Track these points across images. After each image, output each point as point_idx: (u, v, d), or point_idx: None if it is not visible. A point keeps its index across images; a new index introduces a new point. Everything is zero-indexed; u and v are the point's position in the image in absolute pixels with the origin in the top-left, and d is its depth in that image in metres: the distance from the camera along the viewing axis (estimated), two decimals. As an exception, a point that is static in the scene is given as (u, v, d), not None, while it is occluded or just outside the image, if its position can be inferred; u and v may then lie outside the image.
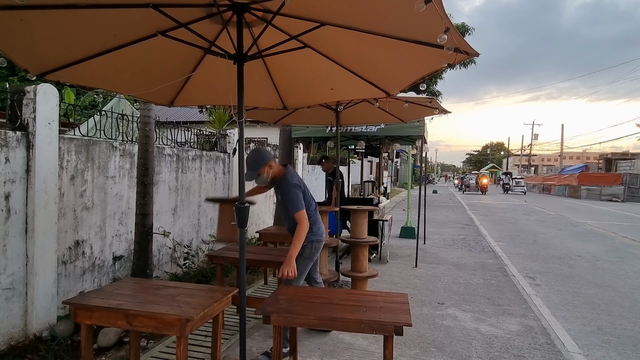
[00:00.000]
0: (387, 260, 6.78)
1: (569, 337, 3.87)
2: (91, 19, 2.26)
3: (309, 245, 3.33)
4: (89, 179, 4.06)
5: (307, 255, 3.34)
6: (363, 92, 3.50)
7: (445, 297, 4.96)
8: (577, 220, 13.43)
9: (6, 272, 3.23)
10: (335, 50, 2.90)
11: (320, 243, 3.40)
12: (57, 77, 2.68)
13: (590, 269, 6.65)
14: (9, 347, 3.23)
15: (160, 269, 5.11)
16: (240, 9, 2.37)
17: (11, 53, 2.35)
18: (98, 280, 4.19)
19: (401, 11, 2.10)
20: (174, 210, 5.39)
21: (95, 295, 2.63)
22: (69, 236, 3.85)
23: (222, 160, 6.59)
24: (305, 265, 3.36)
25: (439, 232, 10.18)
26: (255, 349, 3.39)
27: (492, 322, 4.18)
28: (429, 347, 3.55)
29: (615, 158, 32.72)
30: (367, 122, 6.66)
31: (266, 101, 3.93)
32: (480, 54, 2.25)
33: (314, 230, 3.32)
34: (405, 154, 27.33)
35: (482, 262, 6.96)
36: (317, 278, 3.66)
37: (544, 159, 68.59)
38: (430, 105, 4.98)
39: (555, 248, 8.42)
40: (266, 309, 2.46)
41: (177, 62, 3.04)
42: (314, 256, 3.40)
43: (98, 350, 3.32)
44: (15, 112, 3.38)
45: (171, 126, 5.86)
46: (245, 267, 2.75)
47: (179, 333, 2.24)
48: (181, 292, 2.68)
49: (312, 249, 3.35)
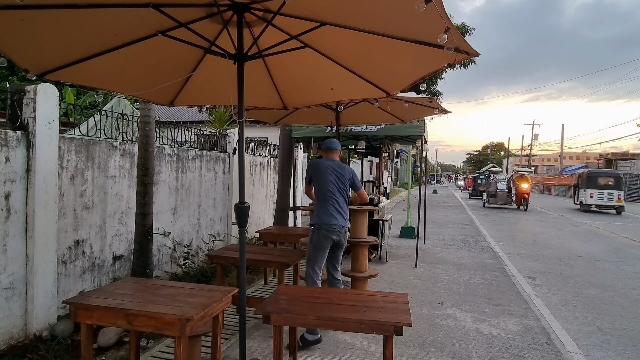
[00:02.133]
0: (387, 260, 6.78)
1: (568, 337, 3.87)
2: (91, 18, 2.26)
3: (316, 231, 3.51)
4: (89, 178, 4.06)
5: (314, 241, 3.51)
6: (363, 92, 3.50)
7: (445, 297, 4.96)
8: (577, 220, 13.43)
9: (6, 271, 3.23)
10: (335, 50, 2.90)
11: (328, 232, 3.49)
12: (57, 77, 2.68)
13: (590, 269, 6.65)
14: (9, 347, 3.23)
15: (160, 269, 5.11)
16: (240, 8, 2.37)
17: (11, 53, 2.35)
18: (98, 280, 4.19)
19: (401, 11, 2.10)
20: (174, 210, 5.39)
21: (95, 294, 2.63)
22: (69, 236, 3.85)
23: (222, 160, 6.59)
24: (313, 251, 3.51)
25: (439, 232, 10.18)
26: (255, 349, 3.39)
27: (492, 322, 4.18)
28: (428, 347, 3.55)
29: (615, 158, 32.70)
30: (367, 122, 6.66)
31: (266, 101, 3.93)
32: (480, 54, 2.25)
33: (321, 216, 3.53)
34: (406, 154, 27.33)
35: (482, 262, 6.96)
36: (337, 275, 3.70)
37: (544, 159, 68.55)
38: (431, 105, 4.98)
39: (555, 248, 8.43)
40: (266, 308, 2.46)
41: (178, 62, 3.04)
42: (322, 243, 3.50)
43: (98, 350, 3.32)
44: (16, 112, 3.38)
45: (171, 126, 5.86)
46: (245, 267, 2.75)
47: (179, 333, 2.24)
48: (181, 291, 2.68)
49: (318, 236, 3.50)
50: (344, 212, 3.62)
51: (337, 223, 3.52)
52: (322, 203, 3.57)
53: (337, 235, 3.53)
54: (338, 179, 3.60)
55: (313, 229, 3.56)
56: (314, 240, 3.53)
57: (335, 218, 3.53)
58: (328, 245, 3.53)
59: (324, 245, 3.51)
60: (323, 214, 3.54)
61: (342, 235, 3.58)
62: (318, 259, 3.53)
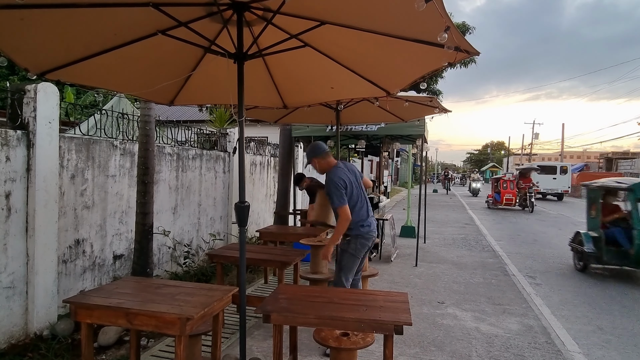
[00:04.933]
0: (392, 260, 6.78)
1: (569, 336, 3.87)
2: (91, 18, 2.26)
3: (353, 241, 3.39)
4: (90, 177, 4.07)
5: (351, 251, 3.40)
6: (363, 91, 3.50)
7: (445, 296, 4.97)
8: (577, 219, 13.42)
9: (7, 270, 3.24)
10: (335, 49, 2.90)
11: (366, 240, 3.40)
12: (57, 76, 2.67)
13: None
14: (9, 346, 3.24)
15: (161, 268, 5.11)
16: (240, 7, 2.37)
17: (11, 52, 2.35)
18: (98, 279, 4.20)
19: (401, 10, 2.10)
20: (174, 209, 5.39)
21: (95, 294, 2.63)
22: (70, 235, 3.86)
23: (223, 159, 6.59)
24: (350, 260, 3.41)
25: (439, 231, 10.18)
26: (256, 348, 3.39)
27: (492, 321, 4.18)
28: (429, 346, 3.55)
29: (616, 157, 32.64)
30: (367, 121, 6.66)
31: (266, 100, 3.92)
32: (480, 53, 2.25)
33: (358, 226, 3.36)
34: (406, 153, 27.29)
35: (483, 261, 6.96)
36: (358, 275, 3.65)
37: (545, 158, 68.49)
38: (431, 104, 4.97)
39: (556, 247, 8.42)
40: (266, 307, 2.46)
41: (178, 61, 3.04)
42: (360, 252, 3.42)
43: (98, 349, 3.32)
44: (16, 111, 3.38)
45: (171, 125, 5.86)
46: (246, 266, 2.76)
47: (179, 332, 2.24)
48: (181, 291, 2.68)
49: (356, 244, 3.39)
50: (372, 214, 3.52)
51: (373, 229, 3.44)
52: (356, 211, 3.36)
53: (372, 241, 3.47)
54: (357, 179, 3.46)
55: (350, 239, 3.39)
56: (351, 250, 3.38)
57: (370, 225, 3.41)
58: (364, 253, 3.48)
59: (362, 254, 3.45)
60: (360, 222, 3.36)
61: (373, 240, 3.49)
62: (353, 268, 3.43)
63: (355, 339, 2.55)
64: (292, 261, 3.92)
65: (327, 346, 2.59)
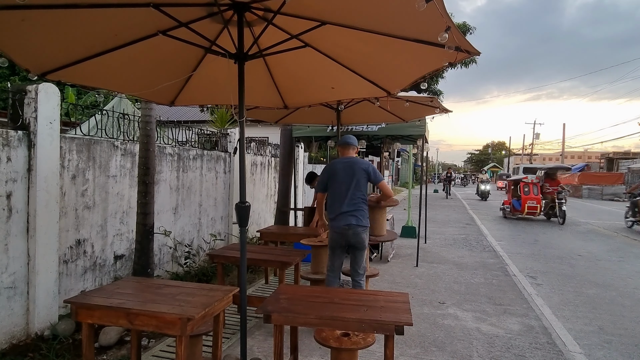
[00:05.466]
0: (389, 259, 6.78)
1: (570, 336, 3.86)
2: (92, 18, 2.27)
3: (329, 233, 3.71)
4: (90, 178, 4.07)
5: (328, 242, 3.74)
6: (364, 91, 3.50)
7: (446, 296, 4.96)
8: (578, 219, 13.40)
9: (8, 270, 3.24)
10: (336, 49, 2.90)
11: (335, 234, 3.62)
12: (58, 77, 2.68)
13: (591, 269, 6.63)
14: (10, 346, 3.24)
15: (161, 268, 5.12)
16: (240, 8, 2.37)
17: (12, 53, 2.36)
18: (99, 279, 4.20)
19: (402, 10, 2.10)
20: (175, 210, 5.39)
21: (96, 294, 2.63)
22: (70, 235, 3.86)
23: (223, 159, 6.59)
24: (328, 251, 3.72)
25: (440, 231, 10.17)
26: (256, 348, 3.39)
27: (493, 321, 4.18)
28: (429, 346, 3.55)
29: (616, 157, 32.62)
30: (368, 121, 6.66)
31: (267, 100, 3.93)
32: (481, 53, 2.25)
33: (330, 219, 3.70)
34: (406, 153, 27.29)
35: (483, 261, 6.95)
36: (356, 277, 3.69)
37: (546, 158, 68.46)
38: (431, 104, 4.97)
39: (557, 247, 8.41)
40: (267, 308, 2.46)
41: (178, 62, 3.04)
42: (332, 244, 3.67)
43: (99, 349, 3.32)
44: (17, 112, 3.39)
45: (172, 125, 5.86)
46: (246, 267, 2.76)
47: (180, 332, 2.25)
48: (182, 291, 2.68)
49: (330, 237, 3.69)
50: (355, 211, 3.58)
51: (345, 225, 3.56)
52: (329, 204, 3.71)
53: (347, 237, 3.57)
54: (348, 176, 3.64)
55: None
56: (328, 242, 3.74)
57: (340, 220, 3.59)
58: (337, 246, 3.64)
59: (337, 248, 3.65)
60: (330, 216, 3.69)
61: (353, 236, 3.55)
62: (331, 259, 3.71)
63: (356, 339, 2.55)
64: (293, 261, 3.92)
65: (328, 346, 2.60)
